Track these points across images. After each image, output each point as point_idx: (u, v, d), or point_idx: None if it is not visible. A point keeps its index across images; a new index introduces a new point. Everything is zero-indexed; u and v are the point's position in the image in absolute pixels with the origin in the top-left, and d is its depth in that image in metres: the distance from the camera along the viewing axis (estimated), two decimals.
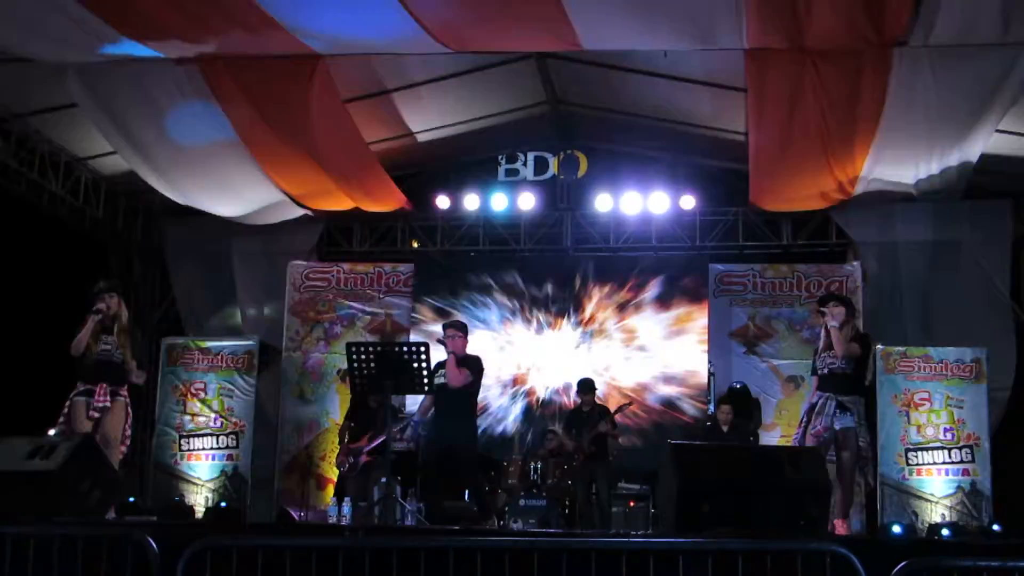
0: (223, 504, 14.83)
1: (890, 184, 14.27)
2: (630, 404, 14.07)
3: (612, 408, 13.94)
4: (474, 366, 10.60)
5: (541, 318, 16.29)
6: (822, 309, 9.65)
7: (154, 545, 5.06)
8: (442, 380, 10.23)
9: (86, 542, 5.36)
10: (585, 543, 5.39)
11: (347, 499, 11.96)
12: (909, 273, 15.77)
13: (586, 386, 13.75)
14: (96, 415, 9.56)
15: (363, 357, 9.16)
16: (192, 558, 4.97)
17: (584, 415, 13.51)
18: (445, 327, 10.77)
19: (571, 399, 15.15)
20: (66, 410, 9.61)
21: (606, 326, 16.09)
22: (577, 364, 15.83)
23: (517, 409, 15.96)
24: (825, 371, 9.41)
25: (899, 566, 4.74)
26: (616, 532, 7.88)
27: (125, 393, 9.89)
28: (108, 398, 9.66)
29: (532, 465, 13.69)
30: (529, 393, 16.07)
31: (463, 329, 10.77)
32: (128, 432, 10.02)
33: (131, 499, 13.22)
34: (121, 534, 5.33)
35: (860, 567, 4.76)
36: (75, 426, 9.44)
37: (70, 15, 10.95)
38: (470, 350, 10.81)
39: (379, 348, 9.37)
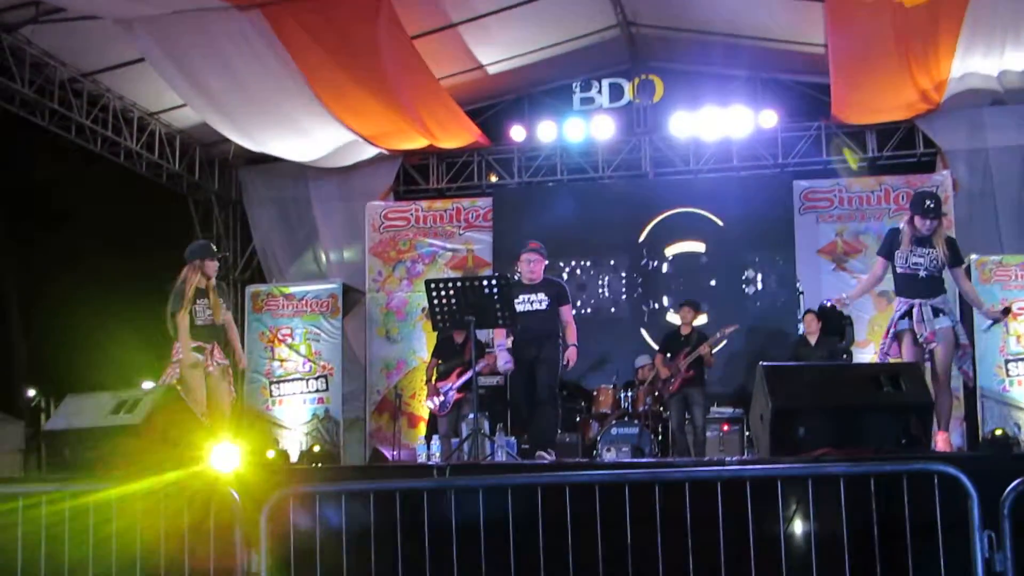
0: (315, 447, 14.90)
1: (977, 80, 13.86)
2: (735, 327, 13.74)
3: (712, 333, 13.55)
4: (567, 293, 10.37)
5: (628, 245, 16.03)
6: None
7: (236, 495, 4.99)
8: (525, 307, 9.93)
9: (168, 495, 5.32)
10: (678, 474, 5.22)
11: (435, 437, 11.91)
12: (1001, 179, 15.42)
13: (689, 306, 13.41)
14: (213, 370, 9.52)
15: (442, 294, 9.03)
16: (276, 505, 4.89)
17: (682, 339, 13.21)
18: (522, 252, 10.43)
19: (661, 325, 15.06)
20: (176, 360, 9.48)
21: (691, 249, 15.81)
22: (664, 289, 15.66)
23: (606, 336, 15.79)
24: (919, 275, 9.05)
25: (1013, 484, 4.52)
26: (710, 460, 7.70)
27: (223, 356, 9.83)
28: (223, 358, 9.64)
29: (623, 393, 13.49)
30: (617, 320, 15.90)
31: (542, 252, 10.42)
32: (233, 393, 10.01)
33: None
34: (204, 485, 5.26)
35: (971, 487, 4.53)
36: (191, 381, 9.35)
37: None
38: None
39: (458, 284, 9.19)
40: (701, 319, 14.08)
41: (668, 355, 13.15)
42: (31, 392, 26.50)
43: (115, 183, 20.18)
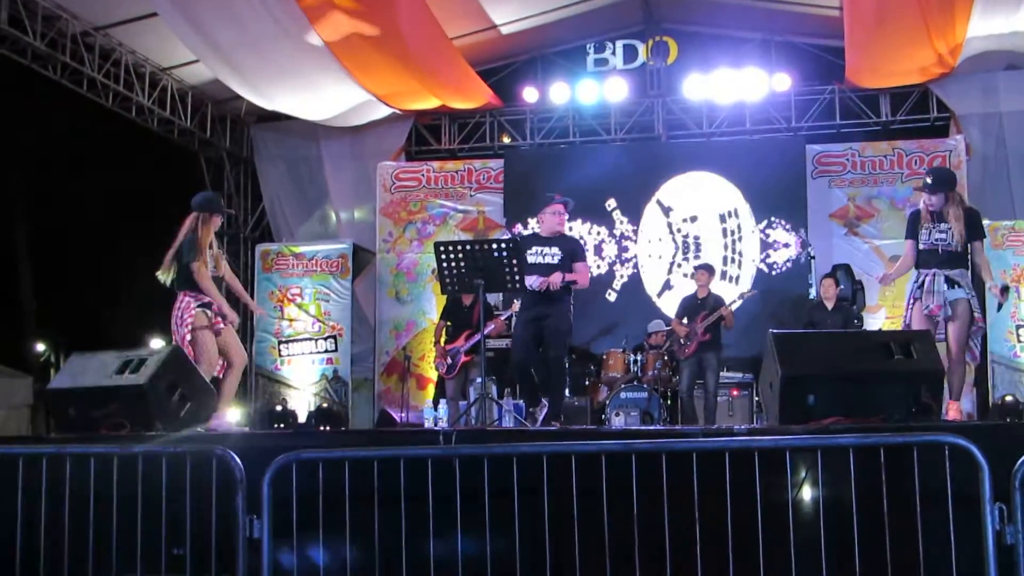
0: (323, 407, 14.91)
1: (993, 42, 13.77)
2: (753, 292, 13.69)
3: (728, 298, 13.43)
4: (582, 251, 10.13)
5: (639, 208, 15.92)
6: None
7: (238, 460, 4.95)
8: (536, 259, 9.58)
9: (170, 458, 5.28)
10: (685, 444, 5.18)
11: (443, 400, 11.87)
12: (1015, 144, 15.40)
13: (704, 270, 13.29)
14: (223, 325, 9.39)
15: (452, 256, 8.94)
16: (279, 471, 4.85)
17: (699, 302, 13.08)
18: (548, 201, 10.18)
19: (675, 288, 15.00)
20: (191, 319, 9.34)
21: (703, 213, 15.71)
22: (678, 253, 15.60)
23: (617, 300, 15.74)
24: (939, 250, 9.00)
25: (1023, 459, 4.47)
26: (718, 429, 7.64)
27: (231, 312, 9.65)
28: (230, 309, 9.44)
29: (633, 357, 13.43)
30: (630, 284, 15.82)
31: (568, 206, 10.19)
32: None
33: None
34: (205, 449, 5.22)
35: (983, 460, 4.48)
36: (202, 342, 9.22)
37: None
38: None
39: (467, 246, 9.09)
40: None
41: (685, 320, 13.01)
42: (40, 347, 26.60)
43: (126, 139, 20.16)
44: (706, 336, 12.68)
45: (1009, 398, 13.39)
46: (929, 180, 8.92)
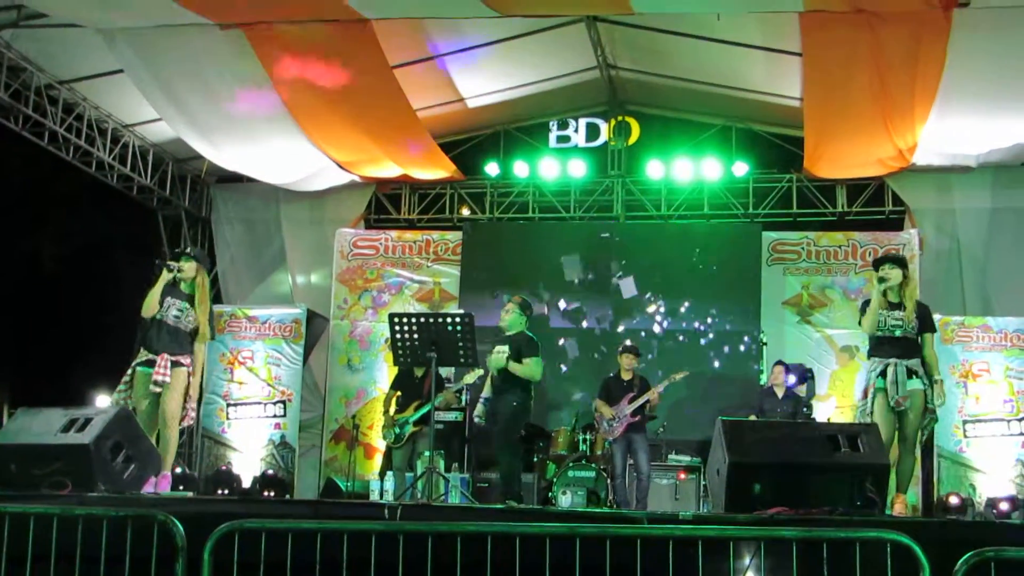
0: (269, 472, 14.78)
1: (951, 157, 14.06)
2: (685, 373, 13.67)
3: (663, 379, 13.42)
4: (535, 351, 10.34)
5: (591, 285, 15.99)
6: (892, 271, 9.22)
7: (180, 526, 4.90)
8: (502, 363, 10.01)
9: (111, 522, 5.22)
10: (630, 530, 5.17)
11: (389, 472, 11.78)
12: (967, 241, 15.59)
13: (629, 352, 13.30)
14: (157, 389, 9.26)
15: (405, 328, 8.95)
16: (221, 539, 4.81)
17: (624, 384, 13.10)
18: (505, 303, 10.43)
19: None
20: (128, 378, 9.33)
21: (657, 294, 15.78)
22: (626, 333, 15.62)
23: (565, 379, 15.73)
24: (895, 337, 9.09)
25: (964, 557, 4.48)
26: (663, 515, 7.61)
27: (188, 362, 9.46)
28: (168, 371, 9.30)
29: (581, 435, 13.40)
30: (577, 363, 15.82)
31: (513, 303, 10.38)
32: (191, 405, 9.65)
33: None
34: (146, 514, 5.16)
35: (923, 558, 4.50)
36: (136, 397, 9.20)
37: None
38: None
39: (422, 319, 9.12)
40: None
41: (608, 401, 12.98)
42: None
43: (85, 193, 20.05)
44: (635, 417, 12.70)
45: (954, 499, 13.42)
46: (888, 255, 9.11)
